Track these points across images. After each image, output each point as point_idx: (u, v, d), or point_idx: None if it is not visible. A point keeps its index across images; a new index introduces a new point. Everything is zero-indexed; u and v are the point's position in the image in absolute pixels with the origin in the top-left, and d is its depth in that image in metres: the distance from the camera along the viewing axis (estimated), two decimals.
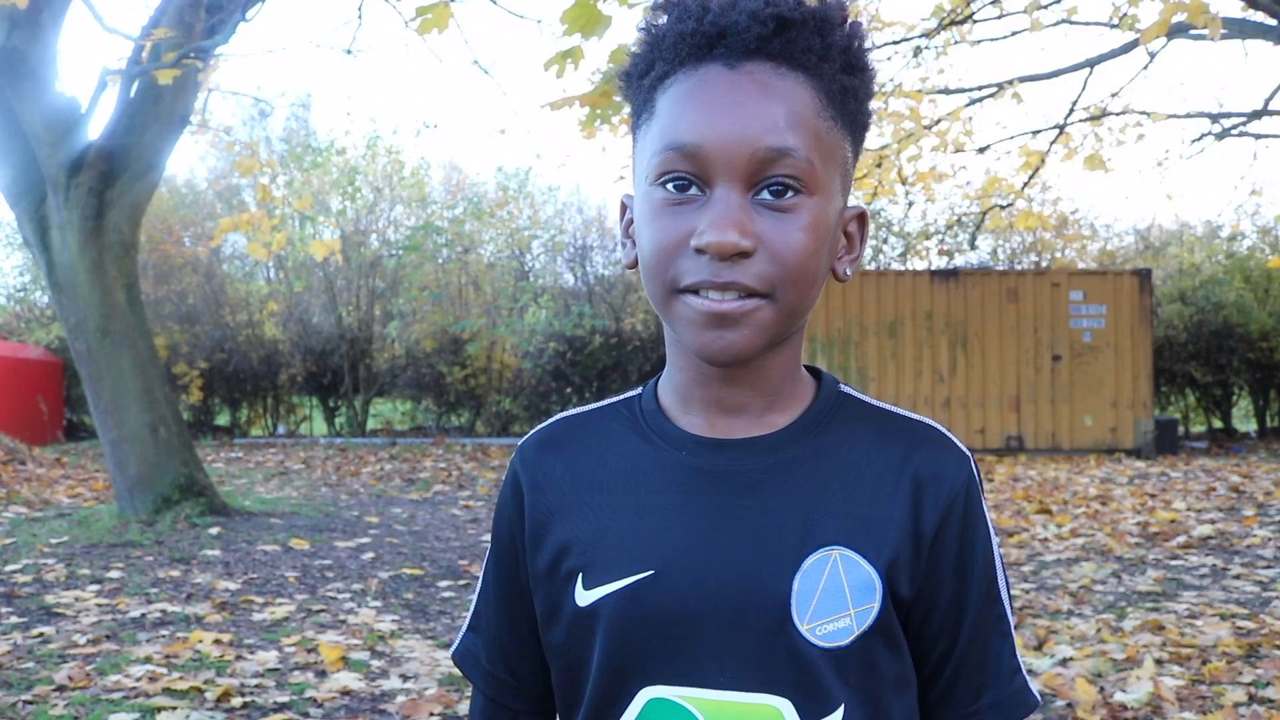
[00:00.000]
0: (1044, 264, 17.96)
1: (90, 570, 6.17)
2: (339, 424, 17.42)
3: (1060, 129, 10.86)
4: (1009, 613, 0.99)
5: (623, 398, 1.06)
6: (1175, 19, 5.06)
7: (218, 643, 4.62)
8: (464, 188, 20.83)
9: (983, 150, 11.20)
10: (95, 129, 7.80)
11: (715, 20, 0.90)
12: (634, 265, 0.98)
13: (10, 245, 19.52)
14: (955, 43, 9.53)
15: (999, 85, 10.38)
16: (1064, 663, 4.30)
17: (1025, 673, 0.99)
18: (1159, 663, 4.24)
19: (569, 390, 15.82)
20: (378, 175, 18.99)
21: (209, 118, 9.21)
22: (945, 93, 10.51)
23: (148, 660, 4.37)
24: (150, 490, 7.62)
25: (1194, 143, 11.90)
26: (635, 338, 15.63)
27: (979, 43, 10.49)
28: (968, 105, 10.50)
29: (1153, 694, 3.82)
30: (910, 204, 17.09)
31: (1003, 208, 12.48)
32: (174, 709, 3.77)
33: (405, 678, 4.20)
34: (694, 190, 0.90)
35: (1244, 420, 17.62)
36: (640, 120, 0.96)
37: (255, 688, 4.07)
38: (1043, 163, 10.98)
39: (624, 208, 1.02)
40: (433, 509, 8.97)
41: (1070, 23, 10.34)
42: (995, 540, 0.99)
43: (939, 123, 10.24)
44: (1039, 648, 4.55)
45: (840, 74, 0.93)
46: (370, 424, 17.65)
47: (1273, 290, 15.61)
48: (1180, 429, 15.60)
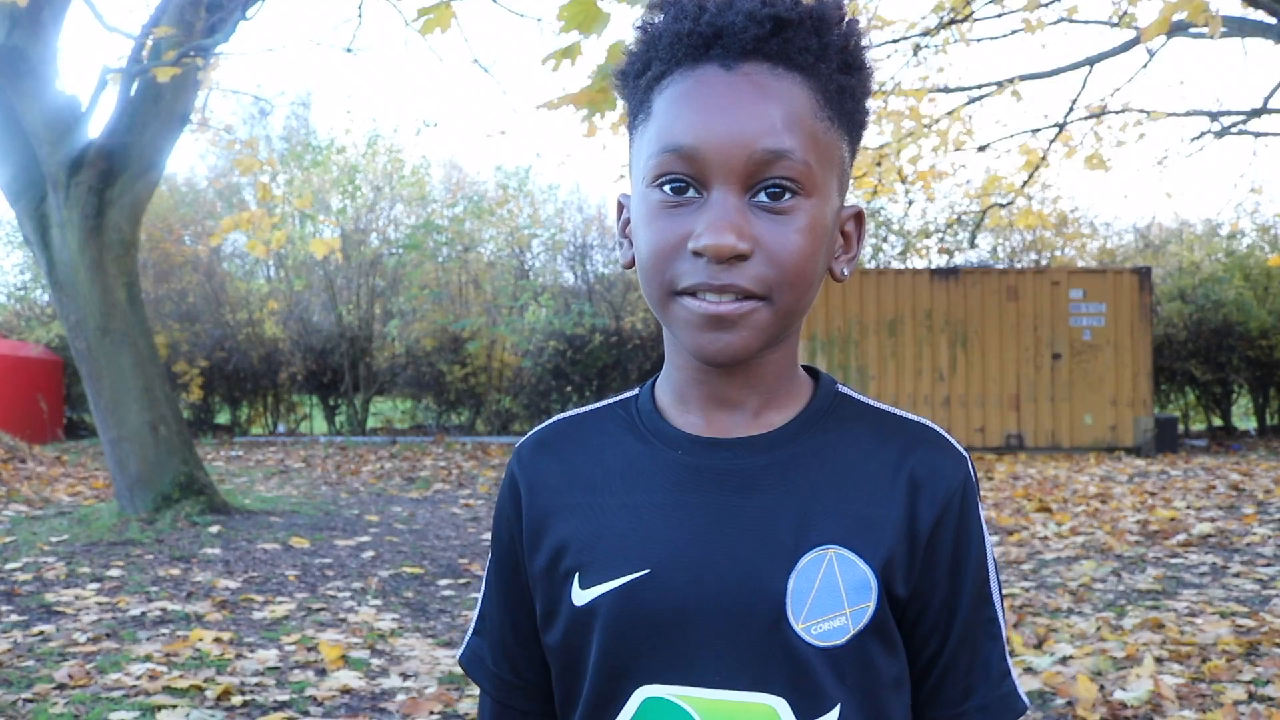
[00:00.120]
0: (1044, 262, 17.95)
1: (90, 568, 6.17)
2: (339, 422, 17.42)
3: (1060, 127, 10.86)
4: (1000, 616, 0.99)
5: (619, 398, 1.06)
6: (1175, 17, 5.05)
7: (218, 641, 4.63)
8: (464, 186, 20.85)
9: (983, 149, 11.20)
10: (95, 127, 7.81)
11: (712, 20, 0.90)
12: (631, 265, 0.98)
13: (10, 243, 19.54)
14: (954, 41, 9.52)
15: (999, 83, 10.38)
16: (1064, 661, 4.30)
17: (1015, 678, 0.99)
18: (1159, 661, 4.24)
19: (569, 389, 15.81)
20: (378, 174, 18.99)
21: (209, 116, 9.22)
22: (945, 91, 10.50)
23: (148, 659, 4.37)
24: (150, 489, 7.63)
25: (1193, 141, 11.89)
26: (635, 336, 15.62)
27: (979, 41, 10.49)
28: (967, 104, 10.50)
29: (1153, 692, 3.83)
30: (910, 202, 17.09)
31: (1002, 206, 12.49)
32: (174, 707, 3.77)
33: (405, 676, 4.20)
34: (691, 192, 0.90)
35: (1244, 418, 17.62)
36: (637, 120, 0.96)
37: (255, 686, 4.07)
38: (1043, 161, 10.98)
39: (621, 207, 1.02)
40: (433, 507, 8.98)
41: (1070, 21, 10.34)
42: (989, 542, 0.99)
43: (939, 121, 10.24)
44: (1039, 646, 4.55)
45: (837, 73, 0.92)
46: (370, 422, 17.65)
47: (1272, 288, 15.60)
48: (1180, 427, 15.60)
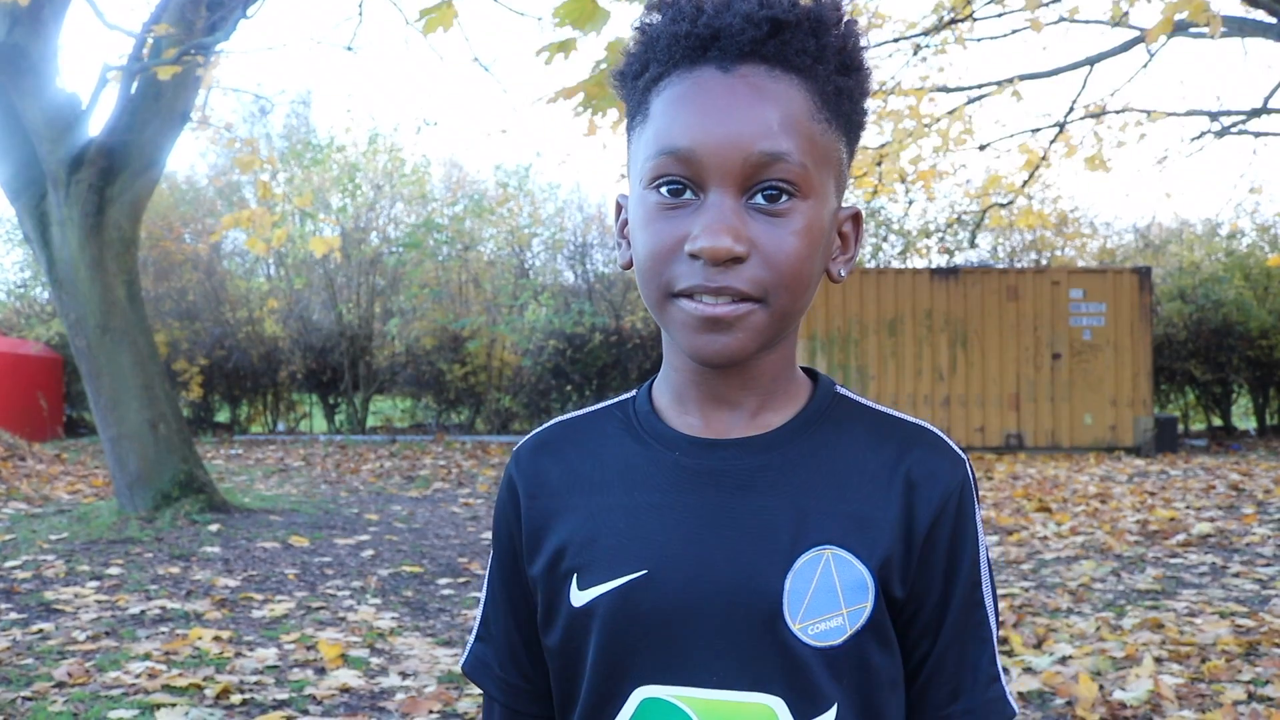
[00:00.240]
0: (1044, 262, 17.95)
1: (90, 567, 6.17)
2: (339, 421, 17.42)
3: (1060, 127, 10.86)
4: (991, 619, 0.98)
5: (617, 400, 1.07)
6: (1176, 17, 5.06)
7: (217, 640, 4.63)
8: (464, 185, 20.85)
9: (983, 148, 11.20)
10: (96, 125, 7.81)
11: (709, 22, 0.90)
12: (630, 266, 0.98)
13: (10, 241, 19.55)
14: (953, 42, 9.52)
15: (999, 83, 10.38)
16: (1063, 661, 4.30)
17: (1005, 683, 0.99)
18: (1158, 661, 4.24)
19: (569, 388, 15.81)
20: (378, 172, 18.99)
21: (210, 114, 9.23)
22: (945, 91, 10.50)
23: (147, 657, 4.37)
24: (150, 487, 7.63)
25: (1193, 141, 11.89)
26: (635, 335, 15.62)
27: (979, 41, 10.49)
28: (968, 103, 10.50)
29: (1152, 692, 3.83)
30: (910, 202, 17.11)
31: (1003, 206, 12.48)
32: (173, 706, 3.77)
33: (404, 675, 4.20)
34: (688, 194, 0.90)
35: (1243, 418, 17.62)
36: (635, 121, 0.96)
37: (254, 685, 4.07)
38: (1043, 161, 10.98)
39: (619, 208, 1.02)
40: (432, 506, 8.98)
41: (1071, 21, 10.34)
42: (984, 545, 0.99)
43: (939, 121, 10.24)
44: (1038, 646, 4.55)
45: (835, 75, 0.92)
46: (370, 421, 17.65)
47: (1272, 288, 15.61)
48: (1180, 427, 15.60)
